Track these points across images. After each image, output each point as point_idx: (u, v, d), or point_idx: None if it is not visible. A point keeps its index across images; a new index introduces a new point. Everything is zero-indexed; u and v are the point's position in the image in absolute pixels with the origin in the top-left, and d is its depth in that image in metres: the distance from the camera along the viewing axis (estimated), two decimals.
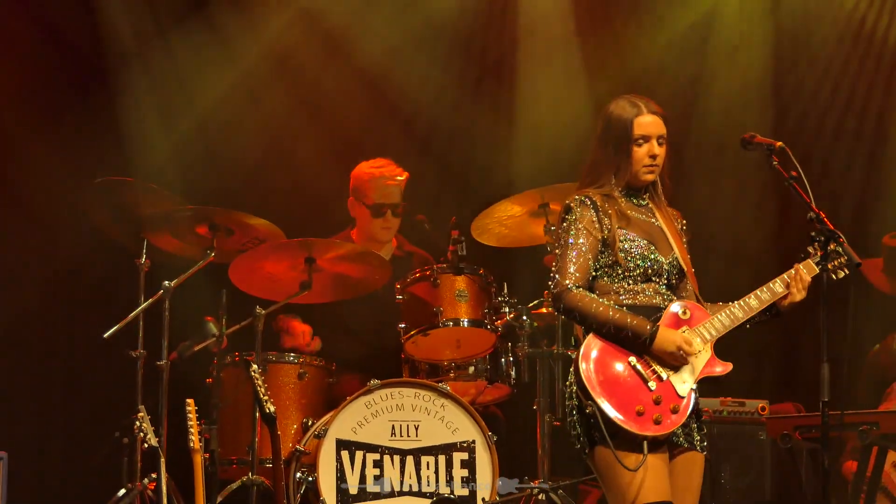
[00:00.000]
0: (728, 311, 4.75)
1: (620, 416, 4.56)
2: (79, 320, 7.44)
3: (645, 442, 4.58)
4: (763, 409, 6.53)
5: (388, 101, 8.18)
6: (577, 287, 4.68)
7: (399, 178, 7.05)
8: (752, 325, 4.81)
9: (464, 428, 6.19)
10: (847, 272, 4.79)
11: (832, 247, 4.76)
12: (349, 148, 7.71)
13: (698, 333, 4.69)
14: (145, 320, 6.40)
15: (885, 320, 7.45)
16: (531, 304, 6.70)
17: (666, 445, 4.66)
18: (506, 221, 6.69)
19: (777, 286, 4.74)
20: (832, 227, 4.63)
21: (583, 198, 4.77)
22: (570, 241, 4.75)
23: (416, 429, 6.18)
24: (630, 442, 4.58)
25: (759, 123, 8.17)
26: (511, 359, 6.61)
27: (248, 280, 6.55)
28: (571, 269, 4.70)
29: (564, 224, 4.79)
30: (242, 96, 7.99)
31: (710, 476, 4.92)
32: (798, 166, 4.65)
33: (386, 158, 7.13)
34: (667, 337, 4.62)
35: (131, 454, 6.28)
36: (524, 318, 6.58)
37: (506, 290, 6.61)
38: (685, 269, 4.79)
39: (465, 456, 6.17)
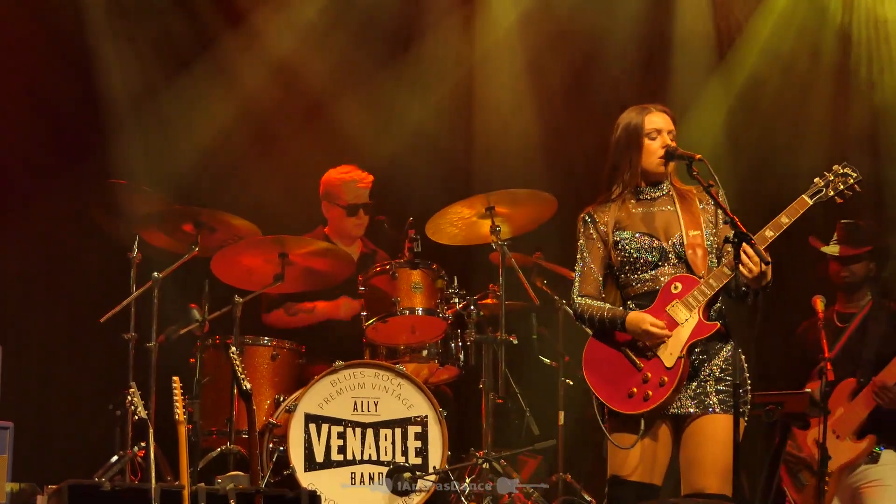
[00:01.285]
0: (714, 276, 4.81)
1: (613, 404, 4.87)
2: (78, 306, 7.45)
3: (642, 420, 4.81)
4: None
5: (361, 112, 8.30)
6: (581, 297, 4.97)
7: (367, 180, 7.31)
8: (748, 295, 4.78)
9: (418, 404, 6.42)
10: (859, 189, 4.90)
11: (840, 169, 4.89)
12: (326, 153, 7.85)
13: (685, 303, 4.82)
14: (136, 307, 6.57)
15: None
16: (478, 296, 6.93)
17: (666, 423, 4.86)
18: (456, 222, 6.87)
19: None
20: (744, 229, 4.73)
21: (584, 216, 5.03)
22: (578, 257, 5.03)
23: (376, 405, 6.41)
24: (628, 421, 4.84)
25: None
26: (460, 344, 6.83)
27: (227, 272, 6.75)
28: (577, 283, 5.00)
29: (577, 244, 5.07)
30: (234, 115, 8.12)
31: None
32: (715, 176, 4.82)
33: (351, 165, 7.37)
34: (633, 321, 4.82)
35: (123, 425, 6.47)
36: (472, 307, 6.81)
37: (456, 283, 6.82)
38: (686, 243, 4.87)
39: (418, 429, 6.40)
